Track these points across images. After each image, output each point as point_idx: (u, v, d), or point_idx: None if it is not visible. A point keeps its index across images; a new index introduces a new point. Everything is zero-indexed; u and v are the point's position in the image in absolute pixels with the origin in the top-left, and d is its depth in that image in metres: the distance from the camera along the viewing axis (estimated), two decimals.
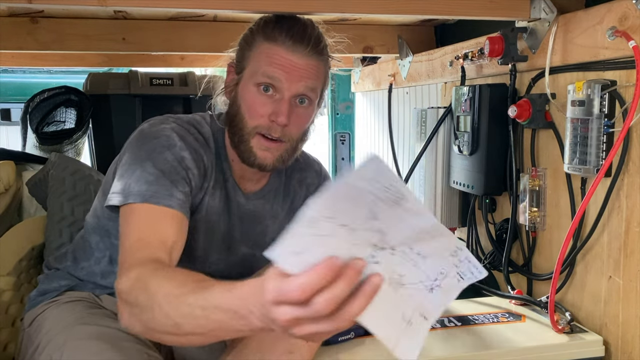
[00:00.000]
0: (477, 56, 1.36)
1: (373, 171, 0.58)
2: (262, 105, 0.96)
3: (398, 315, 0.61)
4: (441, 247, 0.63)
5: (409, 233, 0.60)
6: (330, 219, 0.57)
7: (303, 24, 0.99)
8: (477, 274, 0.64)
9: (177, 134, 0.97)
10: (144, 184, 0.89)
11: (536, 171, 1.24)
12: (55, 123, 2.22)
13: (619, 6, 1.00)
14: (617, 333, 1.07)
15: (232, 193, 1.05)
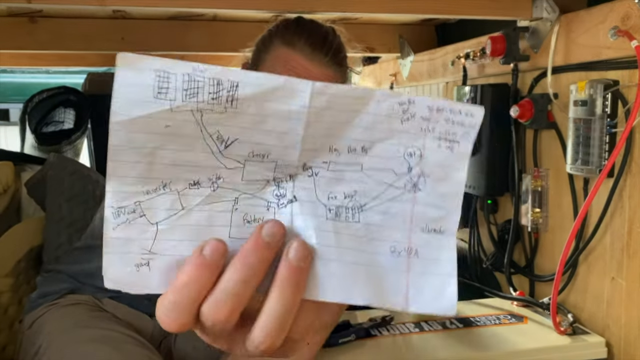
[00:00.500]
0: (478, 56, 1.36)
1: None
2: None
3: (384, 255, 0.36)
4: (378, 120, 0.35)
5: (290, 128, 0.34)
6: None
7: (324, 31, 0.97)
8: (469, 119, 0.38)
9: None
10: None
11: (538, 172, 1.24)
12: (54, 123, 2.21)
13: (621, 6, 1.00)
14: (619, 335, 1.06)
15: None
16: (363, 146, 0.36)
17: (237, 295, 0.32)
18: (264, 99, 0.33)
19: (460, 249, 1.58)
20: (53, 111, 2.21)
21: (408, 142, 0.36)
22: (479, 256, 1.45)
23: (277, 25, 0.99)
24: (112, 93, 0.33)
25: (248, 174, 0.34)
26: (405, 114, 0.36)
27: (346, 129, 0.35)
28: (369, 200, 0.36)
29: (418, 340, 1.05)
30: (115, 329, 0.91)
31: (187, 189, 0.34)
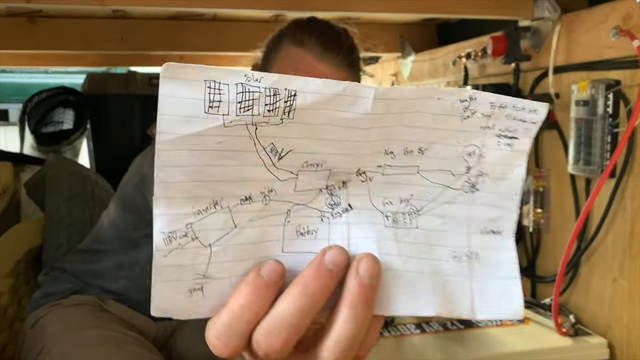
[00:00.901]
0: (480, 55, 1.35)
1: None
2: None
3: (446, 261, 0.35)
4: (438, 119, 0.34)
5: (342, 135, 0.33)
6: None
7: (336, 32, 0.94)
8: (531, 115, 0.35)
9: None
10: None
11: (540, 172, 1.23)
12: (53, 124, 2.20)
13: (623, 5, 0.99)
14: (622, 336, 1.05)
15: None
16: (420, 147, 0.34)
17: (294, 326, 0.30)
18: (322, 107, 0.31)
19: None
20: (52, 111, 2.20)
21: (467, 141, 0.34)
22: None
23: (288, 25, 0.97)
24: (158, 108, 0.30)
25: (301, 184, 0.32)
26: (466, 111, 0.34)
27: (404, 132, 0.33)
28: (426, 203, 0.34)
29: (419, 341, 1.05)
30: (118, 330, 0.91)
31: (239, 205, 0.32)
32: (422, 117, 0.33)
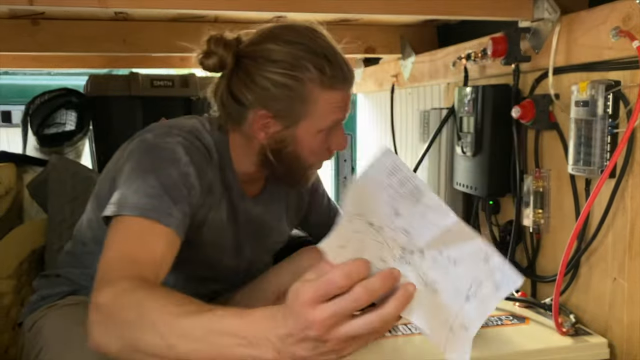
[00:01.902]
0: (480, 57, 1.36)
1: (387, 164, 0.59)
2: (324, 143, 0.99)
3: (441, 320, 0.60)
4: (471, 252, 0.60)
5: (434, 232, 0.60)
6: (360, 216, 0.61)
7: (346, 60, 0.98)
8: (513, 282, 0.60)
9: (183, 147, 0.92)
10: (143, 196, 0.84)
11: (540, 172, 1.24)
12: (56, 125, 2.21)
13: (622, 6, 1.00)
14: (622, 335, 1.06)
15: (237, 201, 1.03)
16: (455, 260, 0.61)
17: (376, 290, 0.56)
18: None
19: None
20: (55, 113, 2.21)
21: (478, 273, 0.61)
22: None
23: (301, 69, 0.92)
24: (362, 180, 0.57)
25: (398, 250, 0.62)
26: (485, 259, 0.61)
27: (454, 249, 0.61)
28: (441, 290, 0.61)
29: (420, 340, 1.05)
30: None
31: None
32: (466, 247, 0.61)
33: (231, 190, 1.01)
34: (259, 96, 0.93)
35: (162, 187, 0.85)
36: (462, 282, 0.60)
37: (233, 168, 1.01)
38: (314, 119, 0.95)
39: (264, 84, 0.92)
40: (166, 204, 0.84)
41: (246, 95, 0.94)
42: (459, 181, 1.45)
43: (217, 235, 1.00)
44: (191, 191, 0.90)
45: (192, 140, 0.94)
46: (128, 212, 0.83)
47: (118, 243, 0.81)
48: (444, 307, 0.60)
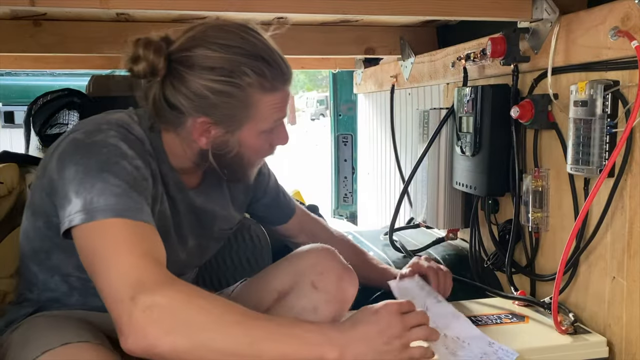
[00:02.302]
0: (479, 57, 1.36)
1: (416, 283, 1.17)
2: (268, 141, 0.98)
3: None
4: (480, 338, 1.01)
5: (453, 324, 1.04)
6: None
7: (284, 59, 0.95)
8: (511, 354, 0.96)
9: (122, 140, 0.87)
10: (111, 196, 0.80)
11: (539, 172, 1.24)
12: (58, 125, 2.22)
13: (621, 6, 1.00)
14: (620, 334, 1.06)
15: (176, 193, 0.99)
16: (469, 342, 0.99)
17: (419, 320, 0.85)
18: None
19: (462, 249, 1.58)
20: (57, 113, 2.22)
21: (486, 350, 0.97)
22: (480, 256, 1.46)
23: (238, 75, 0.89)
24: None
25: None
26: (490, 344, 1.00)
27: (467, 336, 1.02)
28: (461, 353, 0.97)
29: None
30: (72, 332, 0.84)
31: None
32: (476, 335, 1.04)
33: (168, 182, 0.98)
34: (198, 104, 0.89)
35: (126, 184, 0.82)
36: (475, 354, 0.96)
37: (168, 161, 0.97)
38: (257, 121, 0.93)
39: (202, 92, 0.88)
40: (135, 199, 0.82)
41: (183, 103, 0.90)
42: (458, 181, 1.46)
43: (163, 229, 0.95)
44: (146, 182, 0.88)
45: (125, 133, 0.90)
46: (102, 216, 0.79)
47: (122, 245, 0.78)
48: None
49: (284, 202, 1.24)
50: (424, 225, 1.67)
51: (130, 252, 0.78)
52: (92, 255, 0.79)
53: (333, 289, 0.97)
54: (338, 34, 1.91)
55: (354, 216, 2.85)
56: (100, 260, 0.78)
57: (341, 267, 1.00)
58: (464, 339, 1.01)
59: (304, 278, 0.99)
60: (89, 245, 0.79)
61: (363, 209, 2.75)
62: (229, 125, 0.92)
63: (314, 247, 1.03)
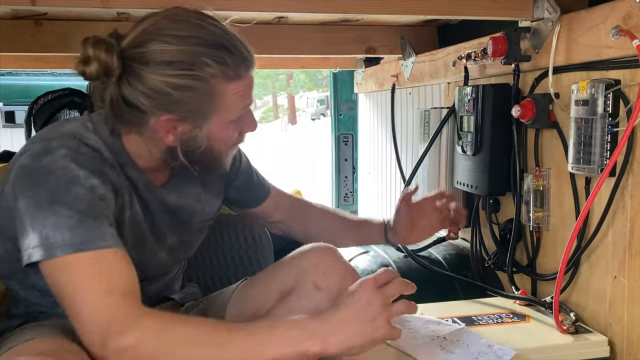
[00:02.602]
0: (480, 56, 1.36)
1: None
2: (236, 131, 0.93)
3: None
4: (479, 340, 1.05)
5: (454, 329, 1.09)
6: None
7: (243, 43, 0.90)
8: (509, 352, 1.00)
9: (72, 160, 0.82)
10: (66, 230, 0.78)
11: (540, 171, 1.24)
12: None
13: (622, 5, 1.00)
14: (622, 333, 1.06)
15: (146, 193, 0.96)
16: (467, 344, 1.04)
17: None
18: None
19: (463, 248, 1.58)
20: (58, 113, 2.21)
21: (483, 348, 1.02)
22: (481, 255, 1.46)
23: (200, 66, 0.84)
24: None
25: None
26: (488, 346, 1.04)
27: (468, 339, 1.06)
28: (458, 351, 1.03)
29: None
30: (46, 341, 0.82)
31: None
32: (473, 337, 1.07)
33: (137, 184, 0.94)
34: (160, 101, 0.85)
35: (79, 214, 0.79)
36: (472, 352, 1.01)
37: (132, 162, 0.93)
38: (224, 112, 0.89)
39: (162, 88, 0.84)
40: (92, 227, 0.79)
41: (143, 102, 0.85)
42: (459, 180, 1.46)
43: (138, 234, 0.95)
44: (105, 201, 0.84)
45: (77, 147, 0.85)
46: (61, 253, 0.77)
47: (86, 284, 0.77)
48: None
49: (257, 183, 1.19)
50: None
51: (94, 290, 0.77)
52: (60, 292, 0.78)
53: (336, 290, 0.95)
54: (339, 33, 1.91)
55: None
56: (68, 299, 0.77)
57: (344, 267, 0.99)
58: (463, 341, 1.03)
59: (306, 278, 0.97)
60: (54, 282, 0.79)
61: (364, 208, 2.75)
62: (196, 120, 0.88)
63: (315, 247, 1.02)
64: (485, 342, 1.03)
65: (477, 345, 1.02)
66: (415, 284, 0.87)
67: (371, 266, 1.49)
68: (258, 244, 1.39)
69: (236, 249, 1.39)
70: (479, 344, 1.02)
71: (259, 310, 0.98)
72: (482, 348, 1.01)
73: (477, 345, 1.02)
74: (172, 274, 1.09)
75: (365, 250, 1.60)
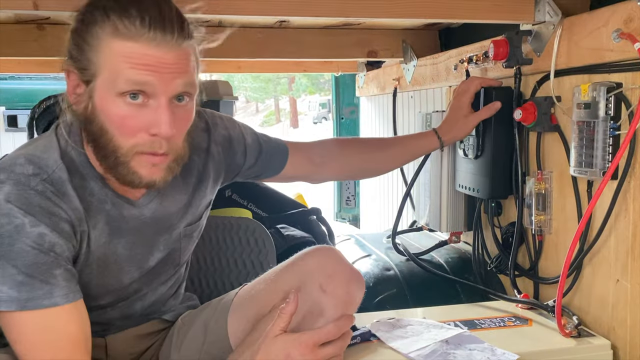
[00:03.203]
0: (481, 59, 1.36)
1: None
2: (135, 118, 0.78)
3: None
4: (479, 342, 1.05)
5: (454, 333, 1.07)
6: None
7: (155, 3, 0.78)
8: (511, 356, 1.00)
9: (16, 206, 0.76)
10: (13, 286, 0.75)
11: (542, 174, 1.24)
12: None
13: (624, 8, 1.00)
14: (625, 337, 1.06)
15: (117, 212, 0.89)
16: (471, 349, 1.03)
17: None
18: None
19: (465, 252, 1.58)
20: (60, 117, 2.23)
21: (488, 352, 1.02)
22: (483, 259, 1.45)
23: (89, 9, 0.77)
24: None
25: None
26: (491, 351, 1.03)
27: (471, 344, 1.05)
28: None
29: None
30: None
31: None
32: (477, 344, 1.06)
33: (104, 202, 0.87)
34: (68, 50, 0.81)
35: (26, 271, 0.76)
36: (476, 355, 1.01)
37: (99, 177, 0.86)
38: (108, 75, 0.78)
39: (67, 37, 0.81)
40: (40, 286, 0.76)
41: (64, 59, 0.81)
42: (461, 183, 1.46)
43: (106, 256, 0.89)
44: (56, 249, 0.79)
45: (26, 181, 0.79)
46: (6, 307, 0.75)
47: (29, 343, 0.77)
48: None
49: (272, 151, 1.11)
50: (426, 229, 1.67)
51: (38, 348, 0.77)
52: (8, 338, 0.78)
53: (342, 293, 0.93)
54: (340, 37, 1.91)
55: (357, 219, 2.85)
56: (16, 346, 0.78)
57: (349, 270, 0.97)
58: (465, 345, 1.03)
59: (311, 279, 0.94)
60: (9, 332, 0.78)
61: (365, 212, 2.75)
62: (85, 74, 0.79)
63: (319, 248, 1.02)
64: (487, 346, 1.02)
65: (480, 349, 1.02)
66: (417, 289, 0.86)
67: (373, 270, 1.48)
68: (261, 247, 1.39)
69: (239, 253, 1.39)
70: (481, 348, 1.02)
71: (262, 309, 0.97)
72: (485, 352, 1.00)
73: (480, 349, 1.01)
74: (166, 287, 1.04)
75: (367, 254, 1.60)
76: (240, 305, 1.01)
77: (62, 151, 0.85)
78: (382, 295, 1.30)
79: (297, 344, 0.82)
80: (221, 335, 1.00)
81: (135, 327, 1.03)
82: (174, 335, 1.05)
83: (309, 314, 0.92)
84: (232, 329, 0.99)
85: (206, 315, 1.04)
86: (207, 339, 1.01)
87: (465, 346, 1.03)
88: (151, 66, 0.77)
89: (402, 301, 1.38)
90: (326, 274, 0.94)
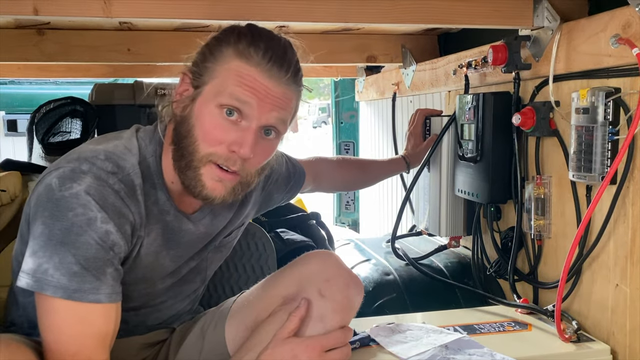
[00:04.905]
0: (480, 64, 1.37)
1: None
2: (223, 131, 0.84)
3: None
4: (478, 347, 1.05)
5: (454, 338, 1.08)
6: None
7: (283, 46, 0.87)
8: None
9: (94, 200, 0.80)
10: (66, 274, 0.77)
11: (541, 179, 1.24)
12: (61, 133, 2.23)
13: (622, 14, 1.00)
14: (624, 342, 1.06)
15: (177, 224, 0.94)
16: (470, 353, 1.03)
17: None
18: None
19: (464, 257, 1.58)
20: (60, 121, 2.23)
21: (487, 355, 1.03)
22: (483, 263, 1.45)
23: (226, 32, 0.87)
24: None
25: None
26: (491, 355, 1.02)
27: (470, 349, 1.05)
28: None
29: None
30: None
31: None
32: (476, 348, 1.07)
33: (166, 214, 0.92)
34: (192, 59, 0.91)
35: (83, 263, 0.78)
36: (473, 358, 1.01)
37: (165, 187, 0.91)
38: (216, 85, 0.85)
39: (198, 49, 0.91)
40: (91, 281, 0.79)
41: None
42: (460, 188, 1.46)
43: (151, 265, 0.92)
44: (115, 248, 0.82)
45: (106, 177, 0.82)
46: (51, 293, 0.77)
47: (59, 327, 0.78)
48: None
49: (294, 178, 1.21)
50: (426, 233, 1.67)
51: (64, 332, 0.78)
52: (40, 320, 0.79)
53: (340, 298, 0.93)
54: (340, 42, 1.92)
55: (356, 224, 2.85)
56: (46, 331, 0.79)
57: (348, 275, 0.97)
58: (465, 350, 1.03)
59: (310, 284, 0.95)
60: (38, 310, 0.80)
61: (365, 216, 2.75)
62: (197, 77, 0.87)
63: (318, 253, 1.02)
64: (487, 351, 1.02)
65: (479, 354, 1.01)
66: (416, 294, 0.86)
67: (372, 274, 1.48)
68: (261, 251, 1.39)
69: (239, 256, 1.39)
70: (480, 353, 1.02)
71: (260, 316, 0.97)
72: (484, 357, 1.00)
73: (479, 354, 1.01)
74: (185, 302, 1.07)
75: (366, 258, 1.60)
76: (238, 312, 1.01)
77: (141, 156, 0.89)
78: (381, 300, 1.30)
79: (305, 347, 0.87)
80: (219, 343, 1.00)
81: (142, 335, 1.03)
82: (171, 343, 1.05)
83: (308, 320, 0.92)
84: (229, 336, 0.99)
85: (203, 323, 1.05)
86: (205, 346, 1.01)
87: (465, 351, 1.02)
88: (257, 91, 0.85)
89: (402, 306, 1.37)
90: (325, 278, 0.95)
